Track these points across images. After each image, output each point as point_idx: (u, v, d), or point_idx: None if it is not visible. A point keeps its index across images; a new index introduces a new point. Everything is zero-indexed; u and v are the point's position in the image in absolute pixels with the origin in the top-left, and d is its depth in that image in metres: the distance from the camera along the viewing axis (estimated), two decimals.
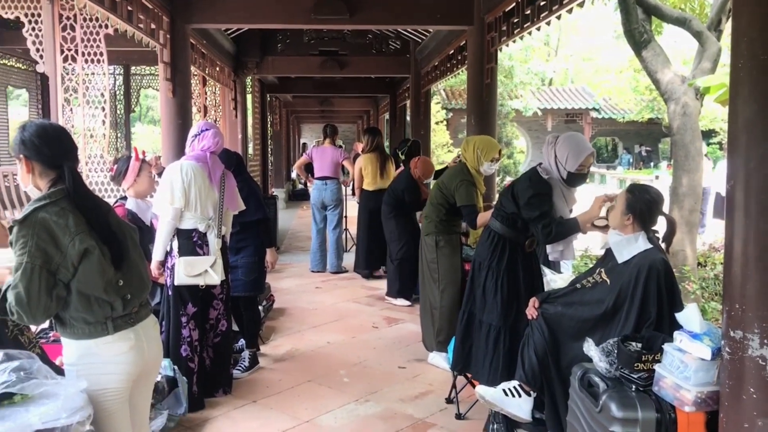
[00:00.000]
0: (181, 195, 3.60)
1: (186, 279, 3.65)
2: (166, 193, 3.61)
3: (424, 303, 4.70)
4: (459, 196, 4.33)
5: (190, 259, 3.65)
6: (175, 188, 3.60)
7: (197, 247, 3.69)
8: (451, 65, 6.96)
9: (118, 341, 2.11)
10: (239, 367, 4.29)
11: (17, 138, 2.10)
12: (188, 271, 3.64)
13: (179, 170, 3.64)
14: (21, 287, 1.93)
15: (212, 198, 3.74)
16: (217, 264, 3.72)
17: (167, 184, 3.61)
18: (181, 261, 3.64)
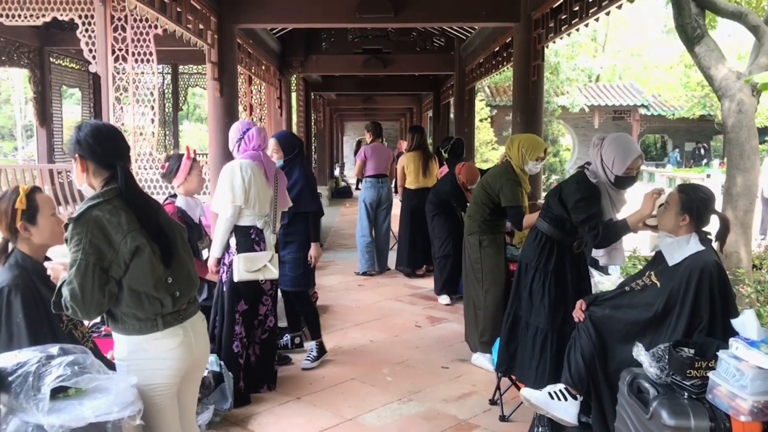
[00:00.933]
0: (241, 193, 3.66)
1: (246, 275, 3.71)
2: (227, 191, 3.68)
3: (468, 303, 4.67)
4: (504, 197, 4.27)
5: (250, 255, 3.73)
6: (235, 186, 3.66)
7: (255, 244, 3.77)
8: (497, 62, 6.89)
9: (167, 337, 2.16)
10: (308, 359, 4.41)
11: (73, 138, 2.16)
12: (249, 266, 3.71)
13: (239, 169, 3.69)
14: (75, 283, 1.98)
15: (268, 195, 3.84)
16: (275, 259, 3.84)
17: (227, 183, 3.67)
18: (241, 257, 3.70)
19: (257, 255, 3.75)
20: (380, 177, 7.34)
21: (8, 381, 1.88)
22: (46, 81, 11.42)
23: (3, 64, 10.68)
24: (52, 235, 2.40)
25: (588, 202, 3.21)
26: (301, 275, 4.44)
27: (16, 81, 26.50)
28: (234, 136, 3.89)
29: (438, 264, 6.18)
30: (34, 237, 2.37)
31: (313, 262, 4.49)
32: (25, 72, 11.66)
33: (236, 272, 3.69)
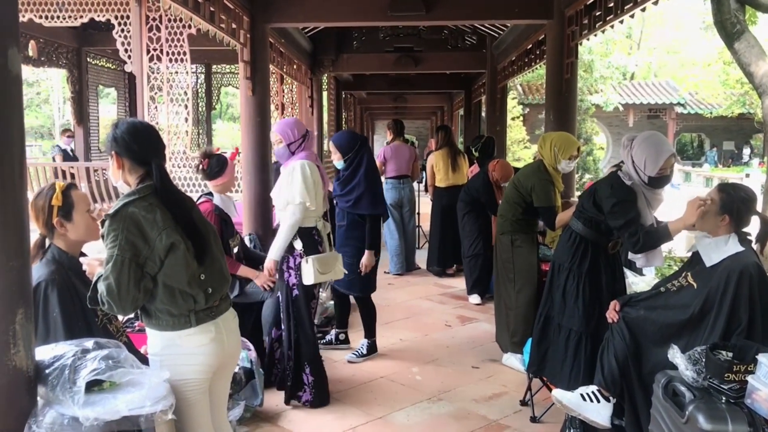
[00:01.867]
0: (313, 194, 3.64)
1: (320, 277, 3.68)
2: (298, 193, 3.60)
3: (499, 303, 4.63)
4: (536, 197, 4.22)
5: (322, 257, 3.71)
6: (308, 187, 3.61)
7: (318, 245, 3.77)
8: (529, 60, 6.82)
9: (199, 333, 2.18)
10: (355, 353, 4.50)
11: (110, 135, 2.19)
12: (323, 268, 3.69)
13: (308, 169, 3.63)
14: (111, 279, 2.01)
15: (321, 195, 3.80)
16: (340, 260, 3.91)
17: (299, 184, 3.60)
18: (315, 259, 3.65)
19: (328, 256, 3.76)
20: (401, 178, 7.21)
21: (45, 374, 1.92)
22: (84, 81, 11.67)
23: (43, 64, 10.95)
24: (87, 231, 2.45)
25: (624, 206, 3.14)
26: (356, 280, 4.33)
27: (54, 81, 27.11)
28: (293, 133, 3.70)
29: (468, 263, 6.15)
30: (70, 233, 2.41)
31: (363, 270, 4.29)
32: (64, 72, 11.93)
33: (309, 275, 3.63)
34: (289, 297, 3.72)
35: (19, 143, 1.87)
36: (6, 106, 1.82)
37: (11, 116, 1.84)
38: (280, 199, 3.68)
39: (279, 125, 3.80)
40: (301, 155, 3.68)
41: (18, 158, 1.86)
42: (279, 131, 3.72)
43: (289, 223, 3.63)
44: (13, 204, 1.84)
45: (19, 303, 1.86)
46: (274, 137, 3.74)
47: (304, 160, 3.64)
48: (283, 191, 3.66)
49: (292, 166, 3.64)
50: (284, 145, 3.69)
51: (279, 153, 3.76)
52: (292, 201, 3.61)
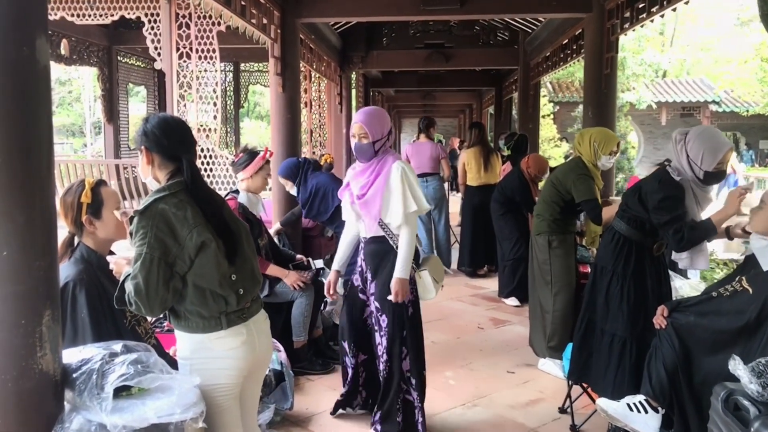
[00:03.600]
0: (422, 199, 3.18)
1: (437, 287, 3.36)
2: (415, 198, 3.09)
3: (534, 306, 4.48)
4: (578, 192, 4.06)
5: (433, 265, 3.38)
6: (421, 192, 3.16)
7: (419, 252, 3.37)
8: (565, 55, 6.64)
9: (230, 336, 2.09)
10: None
11: (140, 129, 2.11)
12: (438, 276, 3.38)
13: (412, 172, 3.19)
14: (140, 278, 1.93)
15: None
16: (440, 260, 3.68)
17: (413, 188, 3.09)
18: (428, 270, 3.31)
19: (435, 261, 3.47)
20: (425, 176, 6.98)
21: (72, 378, 1.84)
22: (114, 79, 11.76)
23: (75, 63, 11.06)
24: (116, 229, 2.37)
25: (672, 201, 2.99)
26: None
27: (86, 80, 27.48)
28: (383, 127, 3.14)
29: (510, 266, 5.91)
30: (99, 231, 2.34)
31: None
32: (95, 70, 12.04)
33: (430, 288, 3.29)
34: (402, 318, 3.14)
35: (47, 137, 1.79)
36: (34, 99, 1.74)
37: (39, 109, 1.76)
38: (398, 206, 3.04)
39: (368, 116, 3.14)
40: (393, 155, 3.19)
41: (46, 153, 1.78)
42: (367, 124, 3.08)
43: (413, 233, 3.09)
44: (40, 200, 1.76)
45: (46, 304, 1.78)
46: (359, 129, 3.09)
47: (400, 161, 3.12)
48: (393, 199, 3.06)
49: (397, 166, 3.08)
50: (369, 143, 3.09)
51: (361, 149, 3.12)
52: (418, 207, 3.06)
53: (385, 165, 3.10)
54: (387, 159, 3.13)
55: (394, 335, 3.15)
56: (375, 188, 3.10)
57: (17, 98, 1.71)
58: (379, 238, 3.16)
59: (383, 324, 3.17)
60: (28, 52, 1.72)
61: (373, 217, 3.10)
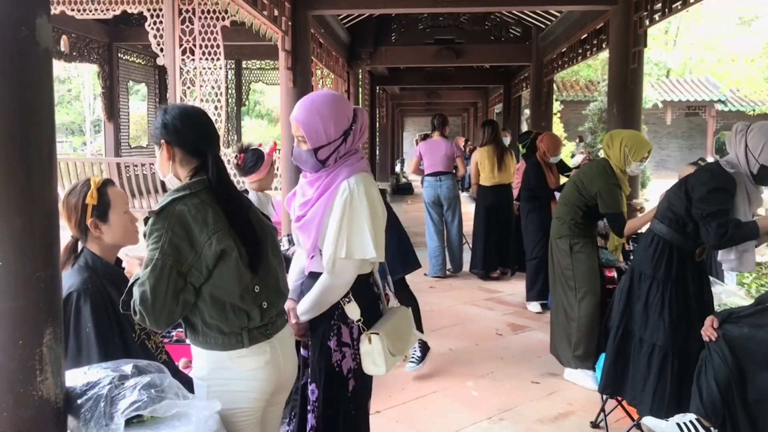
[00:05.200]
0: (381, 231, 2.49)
1: (393, 360, 2.62)
2: (349, 240, 2.21)
3: (557, 312, 4.26)
4: (603, 203, 3.85)
5: (391, 327, 2.37)
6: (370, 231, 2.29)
7: (377, 302, 2.51)
8: (584, 51, 6.42)
9: (253, 355, 1.86)
10: (412, 360, 4.06)
11: (158, 121, 1.89)
12: (396, 344, 2.48)
13: (369, 197, 2.31)
14: (147, 286, 1.71)
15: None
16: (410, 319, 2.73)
17: (356, 224, 2.18)
18: (383, 335, 2.32)
19: (398, 321, 2.41)
20: (438, 175, 6.75)
21: (77, 404, 1.62)
22: (114, 76, 11.56)
23: (75, 59, 10.86)
24: (124, 233, 2.15)
25: (722, 194, 2.80)
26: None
27: (85, 78, 27.24)
28: (330, 127, 2.18)
29: (532, 267, 5.69)
30: (105, 236, 2.12)
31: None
32: (95, 68, 11.83)
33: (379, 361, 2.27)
34: (338, 394, 2.26)
35: (48, 130, 1.56)
36: (34, 86, 1.52)
37: (39, 98, 1.54)
38: (328, 240, 2.17)
39: (305, 110, 2.20)
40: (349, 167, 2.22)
41: (47, 148, 1.55)
42: (303, 122, 2.18)
43: (332, 285, 2.20)
44: (41, 202, 1.54)
45: (48, 321, 1.55)
46: (295, 129, 2.21)
47: (356, 177, 2.20)
48: (328, 232, 2.18)
49: (336, 187, 2.20)
50: (308, 150, 2.20)
51: (299, 157, 2.25)
52: (339, 252, 2.15)
53: (334, 180, 2.20)
54: (339, 173, 2.19)
55: (325, 416, 2.25)
56: (316, 209, 2.20)
57: (15, 85, 1.49)
58: (318, 275, 2.24)
59: (312, 398, 2.27)
60: (27, 32, 1.50)
61: (311, 246, 2.23)
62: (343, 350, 2.24)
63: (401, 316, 2.39)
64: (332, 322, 2.23)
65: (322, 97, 2.21)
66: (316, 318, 2.23)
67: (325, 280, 2.19)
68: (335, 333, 2.23)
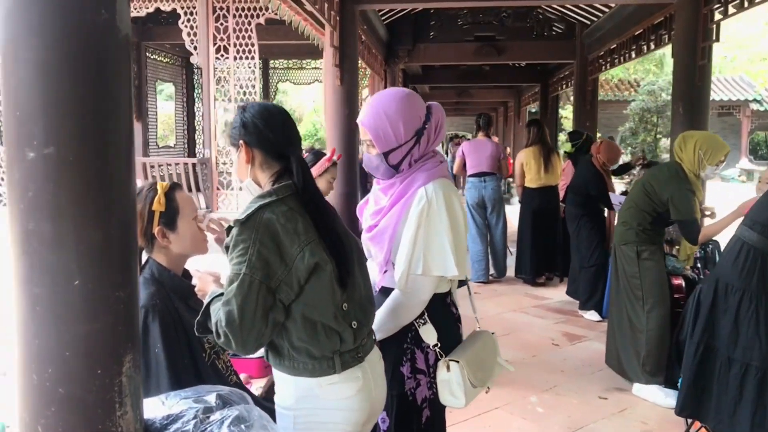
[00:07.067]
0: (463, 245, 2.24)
1: (474, 393, 2.46)
2: (425, 255, 1.97)
3: (621, 323, 4.00)
4: (675, 209, 3.60)
5: (473, 355, 2.14)
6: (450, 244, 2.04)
7: (457, 324, 2.28)
8: (638, 47, 6.13)
9: (345, 382, 1.66)
10: None
11: (237, 120, 1.70)
12: (478, 374, 2.17)
13: (449, 205, 2.06)
14: (234, 304, 1.52)
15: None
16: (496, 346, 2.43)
17: (435, 237, 1.96)
18: (464, 363, 2.10)
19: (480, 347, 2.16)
20: (482, 175, 6.51)
21: None
22: (143, 76, 11.49)
23: None
24: (193, 242, 1.96)
25: None
26: None
27: None
28: (400, 128, 1.95)
29: (590, 274, 5.40)
30: (173, 245, 1.92)
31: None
32: None
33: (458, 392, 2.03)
34: (410, 426, 2.04)
35: (127, 130, 1.36)
36: (114, 78, 1.32)
37: (119, 91, 1.34)
38: (402, 253, 1.95)
39: (373, 111, 1.99)
40: (426, 171, 2.00)
41: (125, 149, 1.35)
42: (370, 126, 1.98)
43: (405, 302, 1.98)
44: (120, 211, 1.34)
45: (127, 347, 1.35)
46: (363, 134, 2.05)
47: (434, 184, 1.97)
48: (402, 245, 1.96)
49: (412, 195, 1.97)
50: (378, 155, 2.00)
51: (369, 163, 2.06)
52: (415, 269, 1.93)
53: (409, 188, 1.97)
54: (415, 179, 1.97)
55: None
56: (389, 219, 1.99)
57: (93, 76, 1.28)
58: (391, 291, 2.02)
59: (383, 427, 2.05)
60: (107, 15, 1.30)
61: (383, 259, 2.01)
62: (417, 378, 2.02)
63: (485, 342, 2.14)
64: (405, 345, 2.02)
65: (388, 96, 2.00)
66: (387, 340, 2.00)
67: (397, 298, 1.98)
68: (409, 358, 2.02)
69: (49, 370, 1.29)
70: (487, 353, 2.12)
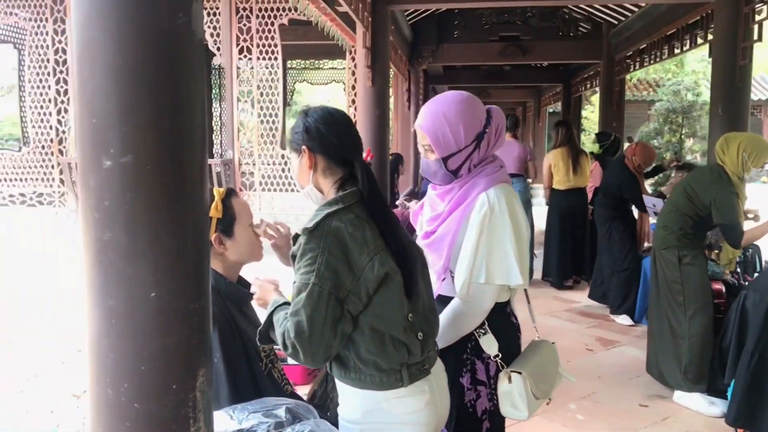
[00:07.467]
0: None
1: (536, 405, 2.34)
2: (489, 263, 1.92)
3: (662, 329, 3.92)
4: (718, 213, 3.52)
5: (535, 366, 2.12)
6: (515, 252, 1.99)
7: (517, 333, 2.27)
8: (670, 47, 6.04)
9: (412, 395, 1.61)
10: None
11: (299, 125, 1.66)
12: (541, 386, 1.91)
13: (512, 213, 2.00)
14: (304, 315, 1.48)
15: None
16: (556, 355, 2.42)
17: (497, 245, 1.90)
18: (527, 374, 2.03)
19: (543, 359, 2.18)
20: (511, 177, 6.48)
21: None
22: None
23: None
24: (250, 249, 1.92)
25: None
26: None
27: None
28: (461, 131, 1.90)
29: (622, 278, 5.32)
30: (230, 252, 1.89)
31: None
32: None
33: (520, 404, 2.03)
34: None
35: (201, 136, 1.32)
36: (190, 82, 1.28)
37: (195, 95, 1.30)
38: (459, 262, 1.91)
39: (431, 115, 1.92)
40: (488, 176, 1.95)
41: (199, 156, 1.31)
42: (429, 129, 1.91)
43: (467, 312, 1.92)
44: (194, 220, 1.30)
45: (201, 361, 1.31)
46: (421, 138, 1.96)
47: (496, 190, 1.92)
48: (462, 254, 1.90)
49: (472, 202, 1.92)
50: (437, 160, 1.93)
51: (427, 168, 2.00)
52: (477, 277, 1.88)
53: (469, 193, 1.91)
54: (475, 184, 1.91)
55: None
56: (448, 226, 1.93)
57: (171, 82, 1.24)
58: (449, 300, 1.96)
59: None
60: (184, 19, 1.25)
61: (442, 266, 1.95)
62: (477, 389, 1.97)
63: (546, 352, 2.10)
64: (465, 356, 1.97)
65: (448, 99, 1.94)
66: (445, 350, 1.93)
67: (458, 307, 1.92)
68: (468, 369, 1.96)
69: (125, 385, 1.25)
70: (548, 364, 2.08)
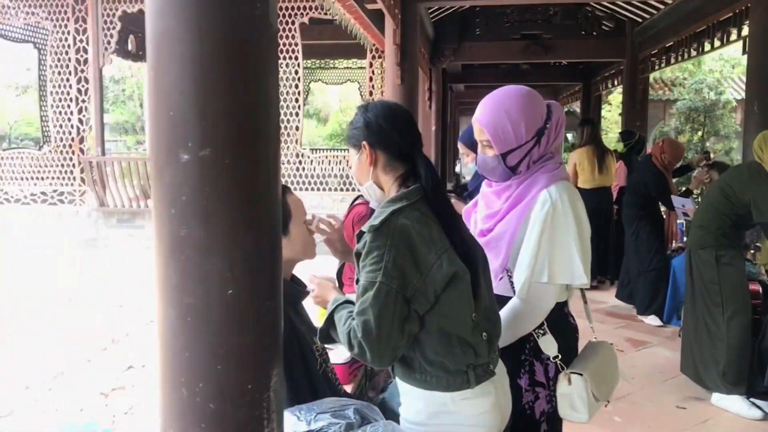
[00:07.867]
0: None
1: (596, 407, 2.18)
2: (551, 262, 1.87)
3: (699, 331, 3.85)
4: (758, 211, 3.45)
5: (596, 367, 2.02)
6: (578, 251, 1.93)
7: (575, 334, 2.17)
8: (699, 45, 5.96)
9: (478, 397, 1.58)
10: None
11: (359, 121, 1.63)
12: (601, 388, 2.04)
13: (574, 211, 1.94)
14: (371, 314, 1.44)
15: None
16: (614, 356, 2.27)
17: (560, 244, 1.86)
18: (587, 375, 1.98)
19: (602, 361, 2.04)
20: None
21: None
22: None
23: (141, 59, 10.85)
24: (305, 246, 1.89)
25: None
26: None
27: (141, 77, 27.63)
28: (521, 126, 1.85)
29: (650, 278, 5.26)
30: (285, 250, 1.82)
31: None
32: None
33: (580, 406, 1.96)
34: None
35: (275, 130, 1.29)
36: (265, 74, 1.25)
37: (270, 90, 1.27)
38: (519, 261, 1.85)
39: (491, 110, 1.87)
40: (548, 173, 1.88)
41: (273, 150, 1.28)
42: (488, 125, 1.87)
43: (526, 312, 1.88)
44: (268, 216, 1.27)
45: (274, 360, 1.29)
46: (479, 133, 1.92)
47: (557, 187, 1.85)
48: (523, 252, 1.85)
49: (532, 199, 1.86)
50: (495, 156, 1.89)
51: (484, 165, 1.94)
52: (539, 277, 1.82)
53: (529, 190, 1.87)
54: (535, 181, 1.86)
55: None
56: (506, 224, 1.88)
57: (249, 74, 1.22)
58: (506, 300, 1.91)
59: None
60: (262, 10, 1.23)
61: (499, 265, 1.89)
62: (536, 390, 1.90)
63: (604, 353, 2.02)
64: (523, 357, 1.90)
65: (508, 93, 1.88)
66: (503, 351, 1.84)
67: (517, 307, 1.87)
68: (527, 370, 1.90)
69: (200, 385, 1.22)
70: (607, 365, 2.00)
